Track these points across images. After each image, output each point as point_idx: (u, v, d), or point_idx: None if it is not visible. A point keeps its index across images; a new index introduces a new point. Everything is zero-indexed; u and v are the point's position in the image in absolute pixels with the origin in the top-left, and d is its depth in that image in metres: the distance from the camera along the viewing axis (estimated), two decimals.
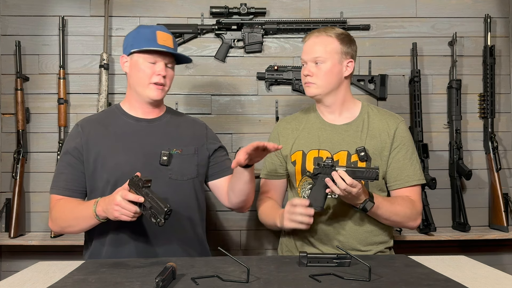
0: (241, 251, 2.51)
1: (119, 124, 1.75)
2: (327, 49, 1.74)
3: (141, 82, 1.69)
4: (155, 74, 1.68)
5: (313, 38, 1.77)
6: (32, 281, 1.32)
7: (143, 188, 1.42)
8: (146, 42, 1.67)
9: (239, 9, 2.47)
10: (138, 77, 1.69)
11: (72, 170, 1.69)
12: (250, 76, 2.53)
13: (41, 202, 2.46)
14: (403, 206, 1.71)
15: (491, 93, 2.51)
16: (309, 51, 1.77)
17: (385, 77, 2.51)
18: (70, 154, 1.70)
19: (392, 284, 1.22)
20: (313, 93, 1.77)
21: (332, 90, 1.77)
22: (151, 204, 1.38)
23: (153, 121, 1.76)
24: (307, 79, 1.77)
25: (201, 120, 1.92)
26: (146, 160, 1.66)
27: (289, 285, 1.22)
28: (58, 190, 1.69)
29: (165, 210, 1.34)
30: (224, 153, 1.87)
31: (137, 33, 1.72)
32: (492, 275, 1.36)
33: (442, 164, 2.55)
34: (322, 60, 1.74)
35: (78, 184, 1.69)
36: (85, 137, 1.71)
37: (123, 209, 1.43)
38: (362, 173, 1.55)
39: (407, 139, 1.80)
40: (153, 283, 1.16)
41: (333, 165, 1.56)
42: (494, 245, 2.53)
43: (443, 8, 2.58)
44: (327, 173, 1.56)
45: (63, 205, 1.65)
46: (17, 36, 2.47)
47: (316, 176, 1.58)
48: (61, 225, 1.67)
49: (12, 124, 2.48)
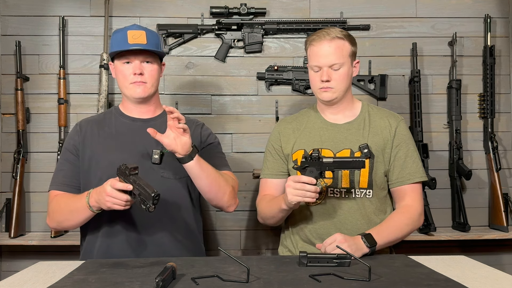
0: (241, 251, 2.52)
1: (115, 124, 1.78)
2: (343, 53, 1.72)
3: (122, 84, 1.74)
4: (132, 73, 1.70)
5: (327, 42, 1.71)
6: (32, 281, 1.32)
7: (130, 175, 1.43)
8: (117, 44, 1.71)
9: (239, 9, 2.47)
10: (119, 80, 1.74)
11: (70, 166, 1.73)
12: (250, 76, 2.53)
13: (41, 202, 2.46)
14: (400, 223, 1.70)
15: (491, 93, 2.52)
16: (325, 56, 1.71)
17: (385, 77, 2.51)
18: (68, 151, 1.75)
19: (392, 284, 1.22)
20: (331, 97, 1.75)
21: (345, 93, 1.77)
22: (140, 191, 1.39)
23: (148, 121, 1.77)
24: (326, 84, 1.72)
25: (198, 120, 1.92)
26: (140, 159, 1.68)
27: (289, 285, 1.22)
28: (56, 186, 1.72)
29: (152, 196, 1.34)
30: (215, 150, 1.85)
31: (112, 38, 1.75)
32: (492, 275, 1.36)
33: (442, 164, 2.55)
34: (340, 65, 1.71)
35: (75, 180, 1.72)
36: (82, 135, 1.76)
37: (114, 199, 1.45)
38: (349, 164, 1.57)
39: (407, 137, 1.80)
40: (153, 283, 1.16)
41: (320, 157, 1.57)
42: (494, 245, 2.53)
43: (443, 8, 2.58)
44: (315, 165, 1.57)
45: (59, 200, 1.68)
46: (17, 36, 2.47)
47: (304, 169, 1.59)
48: (57, 220, 1.69)
49: (12, 124, 2.48)
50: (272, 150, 1.88)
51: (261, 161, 2.05)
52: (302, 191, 1.55)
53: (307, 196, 1.55)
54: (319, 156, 1.57)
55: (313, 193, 1.55)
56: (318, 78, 1.74)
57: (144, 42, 1.70)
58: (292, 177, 1.59)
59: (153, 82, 1.73)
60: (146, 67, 1.71)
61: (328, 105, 1.80)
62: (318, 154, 1.57)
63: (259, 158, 2.48)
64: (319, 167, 1.57)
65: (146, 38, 1.70)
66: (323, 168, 1.57)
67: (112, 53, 1.72)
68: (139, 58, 1.70)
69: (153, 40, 1.73)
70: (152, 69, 1.72)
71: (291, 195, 1.57)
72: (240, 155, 2.52)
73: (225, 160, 1.87)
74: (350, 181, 1.73)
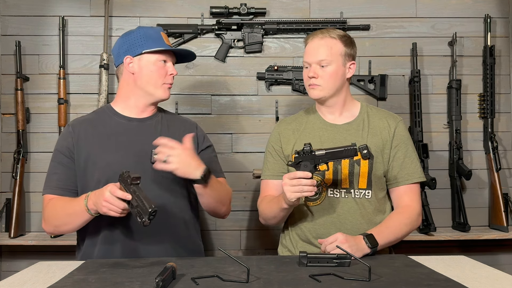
0: (241, 251, 2.52)
1: (110, 124, 1.74)
2: (332, 51, 1.74)
3: (153, 82, 1.71)
4: (168, 74, 1.72)
5: (317, 40, 1.75)
6: (32, 281, 1.32)
7: (131, 185, 1.41)
8: (156, 42, 1.70)
9: (239, 9, 2.47)
10: (151, 77, 1.71)
11: (64, 169, 1.69)
12: (250, 76, 2.53)
13: (41, 202, 2.43)
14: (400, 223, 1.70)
15: (491, 93, 2.52)
16: (313, 53, 1.75)
17: (385, 77, 2.51)
18: (61, 154, 1.70)
19: (392, 284, 1.22)
20: (318, 95, 1.76)
21: (335, 92, 1.77)
22: (137, 203, 1.37)
23: (144, 121, 1.76)
24: (312, 81, 1.75)
25: (192, 120, 1.92)
26: (137, 159, 1.66)
27: (289, 285, 1.22)
28: (51, 190, 1.68)
29: (149, 211, 1.32)
30: (212, 154, 1.85)
31: (144, 34, 1.72)
32: (492, 275, 1.36)
33: (442, 164, 2.55)
34: (327, 62, 1.73)
35: (70, 183, 1.68)
36: (76, 137, 1.71)
37: (111, 205, 1.43)
38: (342, 153, 1.58)
39: (406, 138, 1.80)
40: (153, 283, 1.16)
41: (312, 151, 1.58)
42: (494, 245, 2.53)
43: (443, 8, 2.58)
44: (308, 159, 1.58)
45: (55, 203, 1.65)
46: (17, 36, 2.47)
47: (298, 165, 1.59)
48: (54, 224, 1.65)
49: (12, 124, 2.48)
50: (273, 151, 1.88)
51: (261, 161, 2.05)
52: (299, 187, 1.55)
53: (304, 190, 1.55)
54: (311, 149, 1.58)
55: (310, 187, 1.55)
56: (307, 75, 1.77)
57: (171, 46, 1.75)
58: (287, 175, 1.59)
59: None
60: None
61: (319, 103, 1.83)
62: (310, 147, 1.58)
63: (259, 158, 2.48)
64: (312, 161, 1.58)
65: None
66: (316, 161, 1.58)
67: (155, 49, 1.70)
68: (173, 60, 1.75)
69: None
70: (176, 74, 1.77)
71: (289, 192, 1.57)
72: (240, 155, 2.52)
73: (220, 165, 1.87)
74: (349, 181, 1.73)
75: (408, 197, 1.76)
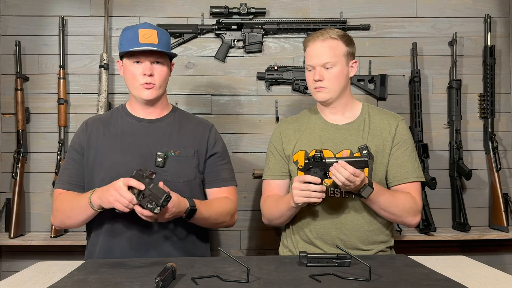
0: (241, 251, 2.52)
1: (121, 124, 1.75)
2: (336, 52, 1.73)
3: (131, 84, 1.70)
4: (142, 74, 1.66)
5: (320, 42, 1.74)
6: (32, 281, 1.32)
7: (146, 178, 1.47)
8: (128, 43, 1.65)
9: (239, 9, 2.47)
10: (128, 79, 1.70)
11: (76, 165, 1.72)
12: (250, 76, 2.53)
13: (41, 202, 2.47)
14: (403, 199, 1.71)
15: (491, 93, 2.51)
16: (317, 56, 1.74)
17: (385, 77, 2.51)
18: (74, 150, 1.74)
19: (392, 284, 1.22)
20: (325, 98, 1.76)
21: (341, 93, 1.77)
22: (150, 192, 1.43)
23: (154, 122, 1.76)
24: (318, 83, 1.74)
25: (209, 122, 1.86)
26: (142, 161, 1.66)
27: (289, 285, 1.22)
28: (61, 185, 1.72)
29: (164, 196, 1.40)
30: (222, 161, 1.80)
31: (122, 35, 1.70)
32: (492, 275, 1.36)
33: (442, 164, 2.55)
34: (332, 64, 1.72)
35: (80, 179, 1.72)
36: (87, 134, 1.74)
37: (119, 196, 1.46)
38: (353, 164, 1.56)
39: (407, 137, 1.80)
40: (153, 283, 1.16)
41: (323, 158, 1.58)
42: (494, 245, 2.53)
43: (443, 8, 2.58)
44: (318, 166, 1.57)
45: (63, 198, 1.68)
46: (17, 36, 2.47)
47: (308, 171, 1.59)
48: (60, 217, 1.69)
49: (12, 124, 2.48)
50: (274, 151, 1.88)
51: (261, 161, 2.05)
52: (307, 192, 1.57)
53: (312, 196, 1.57)
54: (322, 157, 1.58)
55: (318, 193, 1.57)
56: (312, 78, 1.76)
57: (156, 42, 1.65)
58: (297, 177, 1.60)
59: (161, 83, 1.69)
60: (156, 68, 1.67)
61: (325, 105, 1.81)
62: (321, 155, 1.58)
63: (259, 158, 2.48)
64: (322, 168, 1.58)
65: (158, 38, 1.66)
66: (326, 168, 1.58)
67: (122, 51, 1.67)
68: (150, 58, 1.66)
69: (164, 39, 1.69)
70: (161, 70, 1.69)
71: (297, 197, 1.59)
72: (240, 155, 2.52)
73: (232, 171, 1.83)
74: None
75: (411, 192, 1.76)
